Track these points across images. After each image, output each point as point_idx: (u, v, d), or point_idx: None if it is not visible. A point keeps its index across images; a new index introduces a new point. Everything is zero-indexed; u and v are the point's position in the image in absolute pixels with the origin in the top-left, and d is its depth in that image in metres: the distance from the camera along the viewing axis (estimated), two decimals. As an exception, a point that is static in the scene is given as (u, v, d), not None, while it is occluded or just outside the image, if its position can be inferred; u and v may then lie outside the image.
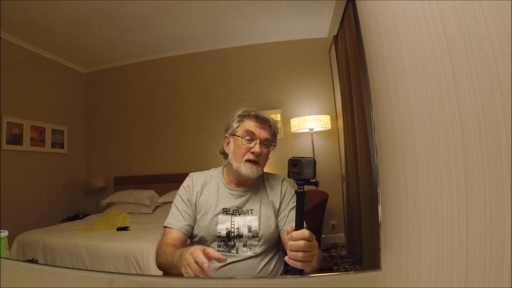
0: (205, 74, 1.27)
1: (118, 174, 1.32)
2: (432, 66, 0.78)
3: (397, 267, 0.77)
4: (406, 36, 0.80)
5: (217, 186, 1.01)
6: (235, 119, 1.01)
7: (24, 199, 1.30)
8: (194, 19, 1.23)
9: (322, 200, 1.10)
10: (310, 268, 0.77)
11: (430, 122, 0.77)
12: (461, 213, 0.74)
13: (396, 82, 0.80)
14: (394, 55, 0.80)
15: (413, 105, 0.78)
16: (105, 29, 1.30)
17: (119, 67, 1.32)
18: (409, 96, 0.79)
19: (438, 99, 0.76)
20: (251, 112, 0.99)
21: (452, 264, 0.74)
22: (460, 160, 0.74)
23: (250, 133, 0.97)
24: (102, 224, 1.22)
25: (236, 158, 0.98)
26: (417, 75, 0.78)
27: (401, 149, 0.79)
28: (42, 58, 1.33)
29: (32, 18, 1.29)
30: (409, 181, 0.77)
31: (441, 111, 0.76)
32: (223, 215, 0.96)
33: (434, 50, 0.78)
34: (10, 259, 1.06)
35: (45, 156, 1.35)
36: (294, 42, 1.17)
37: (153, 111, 1.32)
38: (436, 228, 0.75)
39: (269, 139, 0.97)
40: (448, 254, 0.74)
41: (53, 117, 1.35)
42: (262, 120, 0.98)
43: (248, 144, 0.96)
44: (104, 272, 0.97)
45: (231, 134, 1.00)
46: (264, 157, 0.97)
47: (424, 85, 0.78)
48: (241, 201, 0.98)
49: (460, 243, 0.74)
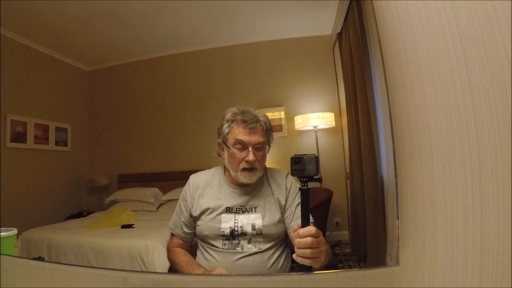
0: (208, 72, 1.27)
1: (122, 171, 1.33)
2: (447, 63, 0.78)
3: (413, 263, 0.77)
4: (420, 34, 0.80)
5: (219, 185, 1.00)
6: (224, 123, 0.96)
7: (28, 197, 1.30)
8: (197, 17, 1.23)
9: (326, 197, 1.10)
10: (319, 264, 0.77)
11: (445, 119, 0.77)
12: (475, 209, 0.74)
13: (412, 79, 0.80)
14: (409, 52, 0.80)
15: (428, 102, 0.78)
16: (109, 27, 1.30)
17: (123, 65, 1.32)
18: (424, 93, 0.79)
19: (452, 96, 0.77)
20: (237, 116, 0.94)
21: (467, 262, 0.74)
22: (474, 156, 0.74)
23: (240, 142, 0.93)
24: (107, 221, 1.22)
25: (232, 167, 0.96)
26: (432, 72, 0.78)
27: (417, 145, 0.79)
28: (46, 56, 1.33)
29: (35, 17, 1.29)
30: (425, 177, 0.77)
31: (455, 108, 0.76)
32: (226, 214, 0.95)
33: (448, 48, 0.78)
34: (20, 257, 1.06)
35: (49, 154, 1.35)
36: (298, 39, 1.17)
37: (157, 109, 1.32)
38: (451, 224, 0.75)
39: (262, 142, 0.94)
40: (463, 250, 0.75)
41: (56, 115, 1.36)
42: (250, 123, 0.93)
43: (241, 153, 0.93)
44: (117, 270, 0.96)
45: (222, 142, 0.97)
46: (261, 160, 0.94)
47: (439, 82, 0.78)
48: (244, 199, 0.97)
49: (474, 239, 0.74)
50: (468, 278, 0.73)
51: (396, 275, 0.78)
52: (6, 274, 1.05)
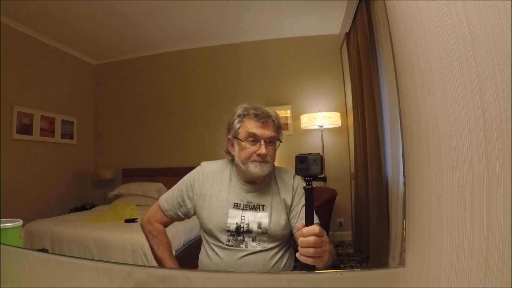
0: (215, 68, 1.27)
1: (127, 166, 1.33)
2: (457, 65, 0.77)
3: (419, 265, 0.77)
4: (432, 35, 0.79)
5: (229, 178, 0.99)
6: (236, 119, 0.96)
7: (33, 189, 1.31)
8: (204, 14, 1.23)
9: (330, 197, 1.10)
10: (322, 264, 0.76)
11: (454, 121, 0.76)
12: (482, 212, 0.73)
13: (422, 79, 0.79)
14: (420, 53, 0.80)
15: (438, 104, 0.78)
16: (117, 23, 1.30)
17: (130, 60, 1.32)
18: (434, 94, 0.78)
19: (462, 98, 0.76)
20: (250, 110, 0.95)
21: (472, 263, 0.74)
22: (483, 159, 0.74)
23: (253, 135, 0.93)
24: (110, 215, 1.23)
25: (242, 160, 0.95)
26: (442, 74, 0.78)
27: (425, 147, 0.78)
28: (54, 49, 1.34)
29: (45, 11, 1.30)
30: (432, 179, 0.77)
31: (465, 111, 0.75)
32: (233, 209, 0.95)
33: (459, 49, 0.77)
34: (25, 249, 1.06)
35: (54, 147, 1.36)
36: (306, 38, 1.17)
37: (162, 105, 1.32)
38: (457, 227, 0.75)
39: (273, 137, 0.94)
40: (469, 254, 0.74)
41: (63, 108, 1.36)
42: (263, 117, 0.94)
43: (253, 146, 0.93)
44: (123, 264, 0.96)
45: (233, 137, 0.97)
46: (272, 154, 0.94)
47: (449, 84, 0.77)
48: (252, 196, 0.96)
49: (480, 242, 0.73)
50: (473, 280, 0.73)
51: (401, 276, 0.78)
52: (11, 264, 1.05)
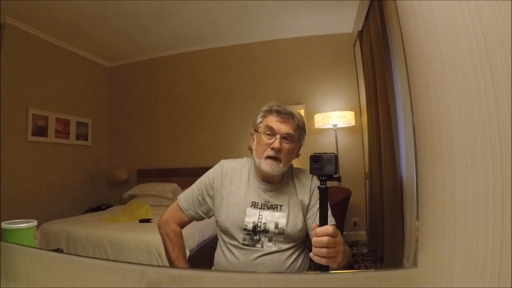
0: (228, 69, 1.27)
1: (141, 167, 1.34)
2: (470, 63, 0.76)
3: (432, 265, 0.76)
4: (444, 33, 0.79)
5: (247, 177, 1.00)
6: (260, 114, 0.99)
7: (48, 190, 1.33)
8: (218, 14, 1.24)
9: (344, 196, 1.09)
10: (336, 264, 0.76)
11: (467, 119, 0.75)
12: (496, 212, 0.73)
13: (435, 78, 0.79)
14: (432, 51, 0.79)
15: (451, 102, 0.77)
16: (129, 24, 1.31)
17: (143, 62, 1.33)
18: (447, 93, 0.77)
19: (475, 96, 0.75)
20: (274, 106, 0.96)
21: (486, 264, 0.73)
22: (497, 158, 0.73)
23: (270, 128, 0.94)
24: (125, 215, 1.24)
25: (257, 154, 0.96)
26: (455, 72, 0.77)
27: (438, 146, 0.78)
28: (68, 52, 1.36)
29: (59, 14, 1.31)
30: (446, 178, 0.76)
31: (478, 109, 0.75)
32: (251, 208, 0.95)
33: (471, 47, 0.77)
34: (39, 249, 1.08)
35: (69, 148, 1.38)
36: (319, 37, 1.16)
37: (176, 105, 1.32)
38: (471, 227, 0.74)
39: (291, 134, 0.94)
40: (482, 253, 0.73)
41: (77, 110, 1.38)
42: (284, 114, 0.95)
43: (268, 140, 0.94)
44: (135, 264, 0.97)
45: (254, 130, 0.99)
46: (287, 153, 0.94)
47: (462, 82, 0.76)
48: (270, 196, 0.96)
49: (494, 242, 0.72)
50: (487, 280, 0.72)
51: (414, 276, 0.77)
52: (25, 264, 1.07)
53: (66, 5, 1.29)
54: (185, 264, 1.01)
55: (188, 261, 1.04)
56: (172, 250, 1.01)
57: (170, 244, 1.02)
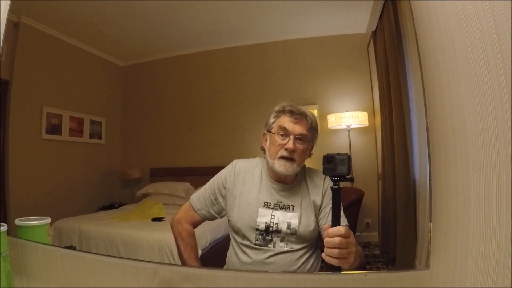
0: (241, 69, 1.27)
1: (154, 165, 1.34)
2: (484, 63, 0.76)
3: (444, 266, 0.76)
4: (458, 33, 0.79)
5: (260, 176, 1.00)
6: (272, 114, 0.99)
7: (62, 188, 1.35)
8: (230, 14, 1.24)
9: (357, 197, 1.09)
10: (348, 265, 0.76)
11: (481, 121, 0.75)
12: (509, 214, 0.72)
13: (449, 79, 0.79)
14: (446, 51, 0.79)
15: (465, 103, 0.77)
16: (142, 24, 1.32)
17: (156, 61, 1.33)
18: (461, 94, 0.77)
19: (490, 97, 0.75)
20: (286, 107, 0.97)
21: (499, 266, 0.72)
22: (510, 161, 0.72)
23: (283, 128, 0.94)
24: (138, 214, 1.25)
25: (270, 154, 0.96)
26: (469, 73, 0.77)
27: (452, 147, 0.77)
28: (82, 51, 1.37)
29: (73, 13, 1.33)
30: (459, 180, 0.76)
31: (493, 111, 0.74)
32: (263, 208, 0.95)
33: (486, 47, 0.76)
34: (53, 245, 1.09)
35: (83, 146, 1.39)
36: (332, 37, 1.16)
37: (189, 105, 1.33)
38: (484, 229, 0.74)
39: (304, 135, 0.94)
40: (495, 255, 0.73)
41: (91, 109, 1.39)
42: (297, 114, 0.95)
43: (282, 140, 0.94)
44: (148, 262, 0.97)
45: (267, 131, 0.99)
46: (300, 153, 0.94)
47: (476, 83, 0.76)
48: (282, 196, 0.97)
49: (507, 244, 0.72)
50: (500, 283, 0.72)
51: (426, 278, 0.77)
52: (39, 261, 1.09)
53: (81, 5, 1.31)
54: (197, 263, 1.02)
55: (200, 260, 1.04)
56: (185, 250, 1.02)
57: (183, 243, 1.02)
